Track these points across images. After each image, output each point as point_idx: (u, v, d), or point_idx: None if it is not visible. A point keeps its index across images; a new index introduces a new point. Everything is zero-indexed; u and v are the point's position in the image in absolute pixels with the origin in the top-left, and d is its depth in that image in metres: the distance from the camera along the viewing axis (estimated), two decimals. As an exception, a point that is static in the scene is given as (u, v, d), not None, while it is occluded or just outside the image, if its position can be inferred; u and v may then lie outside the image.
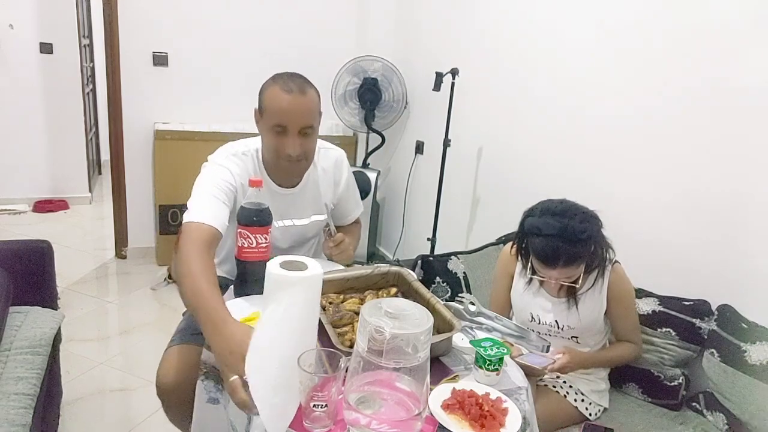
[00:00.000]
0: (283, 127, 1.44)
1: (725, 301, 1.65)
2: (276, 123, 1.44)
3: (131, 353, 2.53)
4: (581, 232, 1.43)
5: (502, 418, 1.03)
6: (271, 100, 1.45)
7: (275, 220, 1.51)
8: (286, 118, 1.43)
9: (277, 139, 1.46)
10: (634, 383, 1.75)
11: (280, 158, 1.49)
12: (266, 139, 1.50)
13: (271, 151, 1.50)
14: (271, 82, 1.47)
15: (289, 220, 1.63)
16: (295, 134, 1.45)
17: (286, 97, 1.42)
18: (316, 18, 3.50)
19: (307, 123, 1.45)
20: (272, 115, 1.45)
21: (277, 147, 1.47)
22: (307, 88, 1.45)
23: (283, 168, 1.53)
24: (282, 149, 1.46)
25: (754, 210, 1.59)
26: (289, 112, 1.43)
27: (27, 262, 1.86)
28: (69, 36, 4.06)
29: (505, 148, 2.59)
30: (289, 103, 1.42)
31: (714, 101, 1.68)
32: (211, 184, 1.45)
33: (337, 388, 0.97)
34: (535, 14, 2.35)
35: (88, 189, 4.49)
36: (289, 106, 1.42)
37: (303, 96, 1.43)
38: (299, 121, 1.44)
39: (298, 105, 1.43)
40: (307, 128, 1.45)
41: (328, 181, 1.69)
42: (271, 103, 1.45)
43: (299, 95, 1.43)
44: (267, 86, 1.48)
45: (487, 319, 1.35)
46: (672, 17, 1.78)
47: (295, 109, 1.43)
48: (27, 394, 1.45)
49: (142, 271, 3.37)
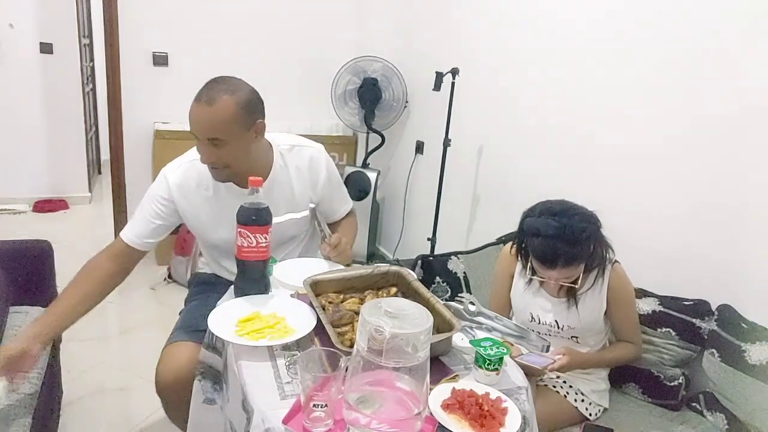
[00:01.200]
0: (194, 134, 1.45)
1: (725, 301, 1.65)
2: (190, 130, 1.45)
3: (131, 353, 2.53)
4: (580, 232, 1.43)
5: (502, 417, 1.03)
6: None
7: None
8: (193, 127, 1.44)
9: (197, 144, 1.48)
10: (634, 383, 1.75)
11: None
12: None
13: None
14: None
15: None
16: (204, 142, 1.44)
17: (194, 106, 1.42)
18: (316, 18, 3.50)
19: (210, 135, 1.42)
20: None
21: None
22: (218, 98, 1.40)
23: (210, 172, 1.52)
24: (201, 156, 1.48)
25: (754, 210, 1.59)
26: (194, 122, 1.43)
27: (27, 262, 1.86)
28: (69, 36, 4.05)
29: (505, 147, 2.59)
30: (194, 113, 1.43)
31: (714, 101, 1.68)
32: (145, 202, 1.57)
33: (337, 387, 0.97)
34: (536, 14, 2.35)
35: (88, 189, 4.49)
36: (194, 116, 1.43)
37: (208, 107, 1.40)
38: (204, 132, 1.43)
39: (201, 115, 1.42)
40: (213, 139, 1.42)
41: (303, 180, 1.67)
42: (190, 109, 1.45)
43: (205, 105, 1.40)
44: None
45: (487, 319, 1.35)
46: (679, 16, 1.78)
47: (199, 120, 1.42)
48: (28, 394, 1.45)
49: (142, 270, 3.31)
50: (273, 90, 2.30)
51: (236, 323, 1.25)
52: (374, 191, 3.42)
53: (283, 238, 1.71)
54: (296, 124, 3.21)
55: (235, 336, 1.20)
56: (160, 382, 1.52)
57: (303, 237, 1.78)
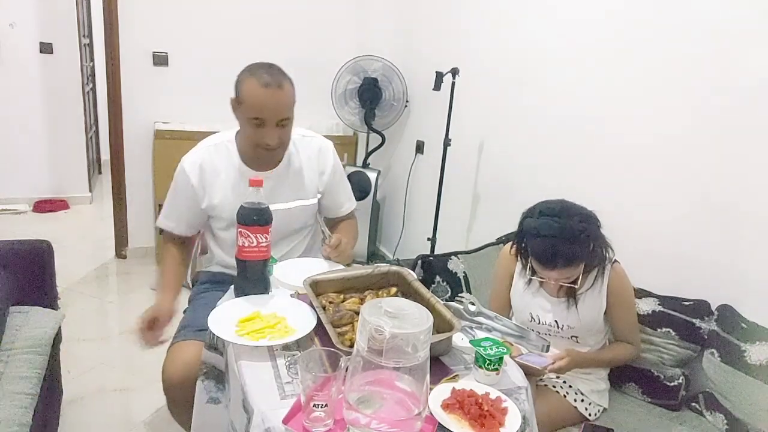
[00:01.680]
0: (261, 120, 1.50)
1: (725, 301, 1.65)
2: (254, 116, 1.50)
3: (131, 353, 2.53)
4: (579, 232, 1.43)
5: (502, 417, 1.03)
6: (249, 93, 1.50)
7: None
8: (265, 113, 1.49)
9: (255, 130, 1.53)
10: (633, 383, 1.75)
11: (257, 147, 1.56)
12: (244, 129, 1.58)
13: (249, 141, 1.57)
14: (247, 74, 1.52)
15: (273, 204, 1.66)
16: (273, 126, 1.52)
17: (264, 92, 1.48)
18: (316, 18, 3.50)
19: (284, 116, 1.52)
20: (250, 109, 1.50)
21: (255, 137, 1.54)
22: (283, 81, 1.51)
23: (259, 156, 1.59)
24: (260, 139, 1.53)
25: (754, 210, 1.59)
26: (267, 107, 1.49)
27: (27, 262, 1.86)
28: (69, 36, 4.05)
29: (505, 147, 2.59)
30: (267, 98, 1.48)
31: (714, 101, 1.68)
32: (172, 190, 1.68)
33: (337, 387, 0.97)
34: (536, 14, 2.35)
35: (88, 189, 4.49)
36: (266, 101, 1.48)
37: (280, 90, 1.49)
38: (277, 115, 1.51)
39: (275, 99, 1.49)
40: (284, 120, 1.53)
41: (312, 168, 1.74)
42: (249, 97, 1.50)
43: (276, 89, 1.49)
44: (244, 78, 1.53)
45: (487, 318, 1.35)
46: (680, 15, 1.78)
47: (272, 104, 1.49)
48: (28, 394, 1.45)
49: (142, 271, 3.37)
50: (273, 90, 2.31)
51: (236, 323, 1.25)
52: (374, 191, 3.42)
53: (289, 229, 1.73)
54: (296, 123, 3.18)
55: (235, 336, 1.20)
56: (167, 380, 1.53)
57: (307, 233, 1.81)
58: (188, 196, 1.65)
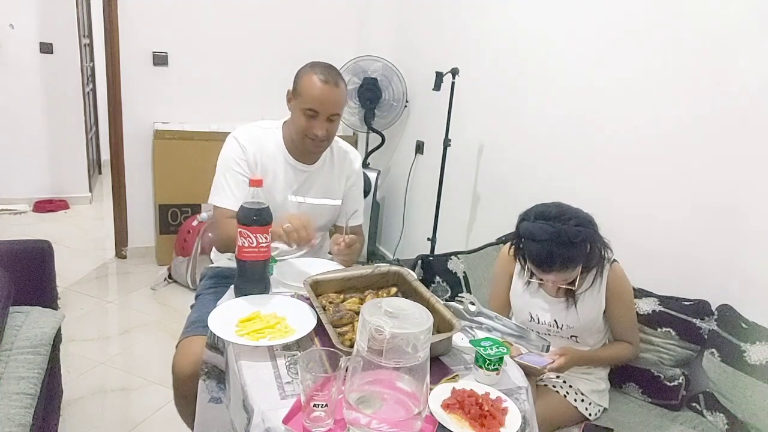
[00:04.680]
0: (315, 112, 1.61)
1: (725, 301, 1.65)
2: (309, 107, 1.60)
3: (131, 353, 2.53)
4: (575, 236, 1.43)
5: (502, 417, 1.03)
6: (307, 85, 1.60)
7: (288, 195, 1.72)
8: (320, 106, 1.60)
9: (307, 120, 1.62)
10: (634, 383, 1.76)
11: (306, 137, 1.65)
12: (296, 119, 1.65)
13: (299, 130, 1.64)
14: (309, 69, 1.63)
15: (301, 197, 1.75)
16: (324, 119, 1.62)
17: (322, 87, 1.59)
18: (316, 18, 3.50)
19: (335, 111, 1.63)
20: (306, 100, 1.60)
21: (306, 127, 1.63)
22: (339, 81, 1.64)
23: (306, 146, 1.67)
24: (310, 130, 1.63)
25: (754, 210, 1.59)
26: (324, 101, 1.60)
27: (27, 262, 1.86)
28: (69, 36, 4.05)
29: (505, 147, 2.59)
30: (324, 93, 1.59)
31: (715, 102, 1.68)
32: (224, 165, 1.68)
33: (337, 387, 0.97)
34: (536, 14, 2.35)
35: (88, 189, 4.49)
36: (324, 95, 1.59)
37: (336, 87, 1.62)
38: (330, 109, 1.62)
39: (332, 95, 1.61)
40: (334, 115, 1.64)
41: (341, 170, 1.83)
42: (308, 89, 1.60)
43: (334, 87, 1.61)
44: (305, 72, 1.63)
45: (487, 318, 1.35)
46: (678, 18, 1.78)
47: (329, 99, 1.60)
48: (28, 394, 1.45)
49: (142, 271, 3.37)
50: (273, 90, 2.31)
51: (236, 323, 1.25)
52: (374, 191, 3.41)
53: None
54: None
55: (235, 336, 1.20)
56: (177, 375, 1.54)
57: (323, 235, 1.85)
58: (242, 168, 1.68)
